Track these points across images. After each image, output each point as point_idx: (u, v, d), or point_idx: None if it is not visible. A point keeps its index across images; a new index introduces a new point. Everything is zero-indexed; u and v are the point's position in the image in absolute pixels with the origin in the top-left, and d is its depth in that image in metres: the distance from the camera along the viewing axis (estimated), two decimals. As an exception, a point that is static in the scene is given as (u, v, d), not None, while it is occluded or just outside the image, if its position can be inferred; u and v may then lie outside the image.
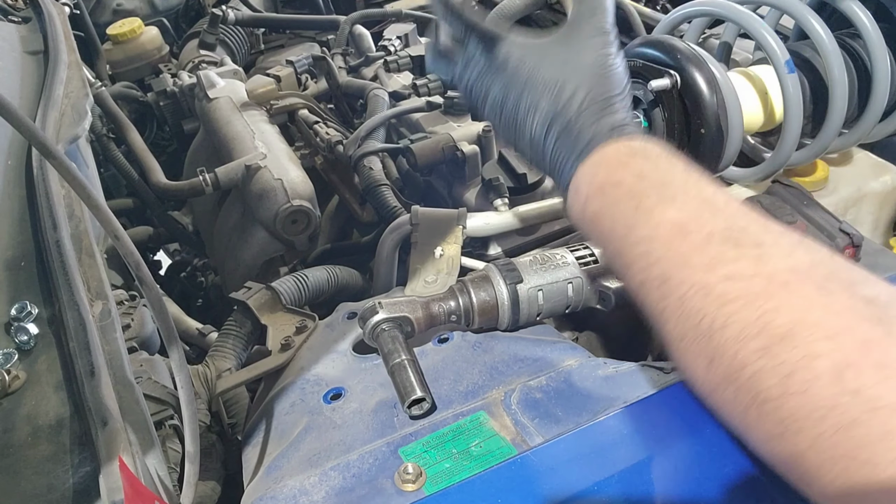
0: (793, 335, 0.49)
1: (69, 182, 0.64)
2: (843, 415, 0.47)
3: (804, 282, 0.51)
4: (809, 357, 0.48)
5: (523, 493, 0.60)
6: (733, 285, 0.53)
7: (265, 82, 1.49)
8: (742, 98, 0.91)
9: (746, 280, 0.53)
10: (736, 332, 0.52)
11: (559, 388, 0.72)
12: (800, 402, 0.49)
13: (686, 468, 0.61)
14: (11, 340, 0.74)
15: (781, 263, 0.53)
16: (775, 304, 0.51)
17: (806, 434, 0.49)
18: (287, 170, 1.27)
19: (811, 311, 0.50)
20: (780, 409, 0.50)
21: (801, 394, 0.48)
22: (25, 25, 1.53)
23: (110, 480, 0.57)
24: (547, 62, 0.68)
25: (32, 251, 0.87)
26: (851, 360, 0.47)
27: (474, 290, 0.78)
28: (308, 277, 1.02)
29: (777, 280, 0.52)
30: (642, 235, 0.59)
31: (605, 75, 0.67)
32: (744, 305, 0.52)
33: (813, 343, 0.49)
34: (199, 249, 1.78)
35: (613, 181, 0.62)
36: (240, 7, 2.10)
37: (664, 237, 0.57)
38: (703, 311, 0.54)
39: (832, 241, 0.78)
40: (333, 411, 0.74)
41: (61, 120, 1.08)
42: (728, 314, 0.53)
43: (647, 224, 0.58)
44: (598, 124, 0.65)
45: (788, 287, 0.51)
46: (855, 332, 0.48)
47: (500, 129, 0.73)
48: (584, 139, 0.65)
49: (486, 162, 1.16)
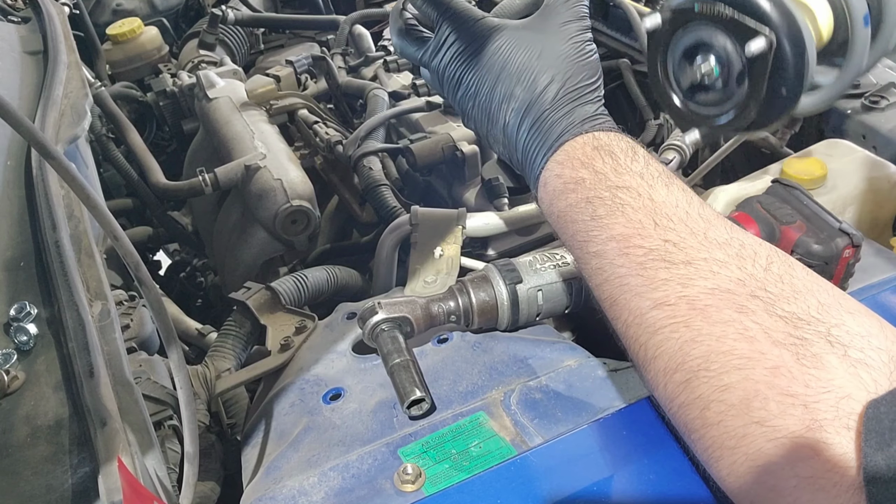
0: (707, 367, 0.50)
1: (68, 182, 0.64)
2: (751, 445, 0.48)
3: (724, 303, 0.52)
4: (721, 389, 0.49)
5: (523, 493, 0.60)
6: (660, 313, 0.54)
7: (265, 82, 1.49)
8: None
9: (671, 306, 0.53)
10: (663, 365, 0.54)
11: (559, 389, 0.72)
12: (716, 433, 0.50)
13: (686, 468, 0.61)
14: (10, 341, 0.74)
15: (706, 283, 0.53)
16: (693, 333, 0.52)
17: (724, 462, 0.50)
18: (287, 170, 1.27)
19: (725, 340, 0.50)
20: (703, 440, 0.51)
21: (717, 425, 0.50)
22: (25, 25, 1.53)
23: (109, 481, 0.57)
24: (522, 49, 0.67)
25: (32, 251, 0.87)
26: (759, 389, 0.48)
27: (474, 291, 0.78)
28: (308, 277, 1.02)
29: (698, 304, 0.52)
30: (595, 250, 0.60)
31: (580, 63, 0.66)
32: (668, 335, 0.53)
33: (724, 374, 0.50)
34: (199, 249, 1.78)
35: (576, 178, 0.62)
36: (239, 7, 2.10)
37: (611, 255, 0.58)
38: (640, 339, 0.56)
39: (832, 242, 0.77)
40: (333, 412, 0.74)
41: (61, 120, 1.08)
42: (656, 345, 0.54)
43: (599, 237, 0.60)
44: (571, 116, 0.65)
45: (706, 312, 0.52)
46: (765, 359, 0.48)
47: (472, 118, 0.73)
48: (556, 132, 0.65)
49: (485, 162, 1.16)
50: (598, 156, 0.62)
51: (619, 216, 0.58)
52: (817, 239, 0.77)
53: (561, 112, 0.65)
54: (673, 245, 0.55)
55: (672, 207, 0.58)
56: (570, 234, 0.63)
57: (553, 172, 0.64)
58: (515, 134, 0.68)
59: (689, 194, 0.60)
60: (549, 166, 0.65)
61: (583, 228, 0.61)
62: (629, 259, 0.57)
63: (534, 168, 0.67)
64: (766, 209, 0.81)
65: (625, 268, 0.57)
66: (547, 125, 0.65)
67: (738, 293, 0.51)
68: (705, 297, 0.52)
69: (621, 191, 0.59)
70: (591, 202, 0.60)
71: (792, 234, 0.78)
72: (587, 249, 0.61)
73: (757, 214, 0.82)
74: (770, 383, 0.47)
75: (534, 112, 0.66)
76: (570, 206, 0.62)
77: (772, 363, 0.48)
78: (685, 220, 0.57)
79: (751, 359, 0.49)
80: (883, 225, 1.07)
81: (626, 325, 0.57)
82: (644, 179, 0.60)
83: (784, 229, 0.78)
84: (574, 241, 0.63)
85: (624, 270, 0.57)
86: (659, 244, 0.56)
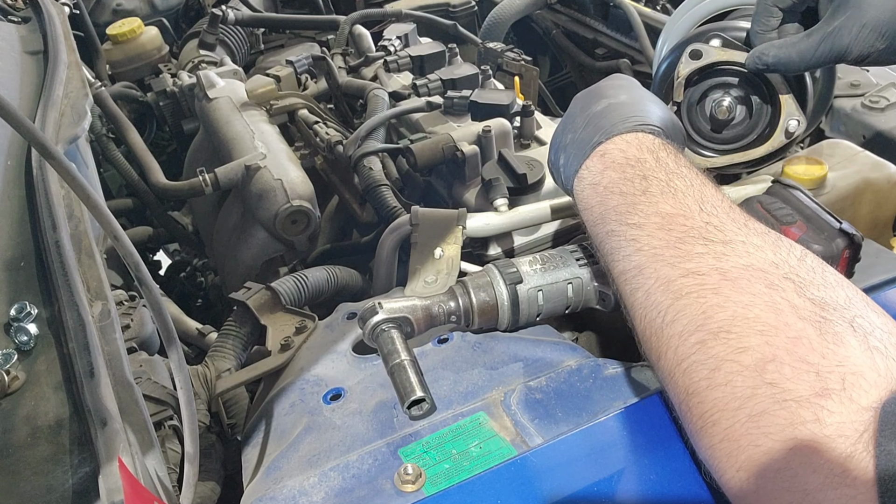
0: (728, 330, 0.52)
1: (68, 182, 0.64)
2: (756, 405, 0.49)
3: (756, 278, 0.54)
4: (738, 351, 0.51)
5: (523, 493, 0.60)
6: (690, 281, 0.56)
7: (265, 82, 1.49)
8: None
9: (702, 276, 0.56)
10: (681, 328, 0.55)
11: (559, 389, 0.72)
12: (721, 394, 0.51)
13: (685, 468, 0.61)
14: (11, 341, 0.74)
15: (741, 260, 0.56)
16: (720, 299, 0.54)
17: (721, 425, 0.51)
18: (287, 170, 1.27)
19: (752, 308, 0.52)
20: (703, 403, 0.53)
21: (724, 386, 0.51)
22: (25, 25, 1.53)
23: (110, 481, 0.57)
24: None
25: (32, 251, 0.87)
26: (777, 354, 0.50)
27: (474, 291, 0.78)
28: (308, 278, 1.02)
29: (730, 276, 0.55)
30: (635, 221, 0.64)
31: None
32: (694, 300, 0.55)
33: (745, 338, 0.51)
34: (199, 250, 1.78)
35: (639, 158, 0.69)
36: (239, 7, 2.10)
37: (651, 227, 0.62)
38: (661, 305, 0.58)
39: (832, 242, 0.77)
40: (333, 412, 0.74)
41: (61, 120, 1.08)
42: (678, 309, 0.56)
43: (644, 211, 0.64)
44: (654, 111, 0.74)
45: (737, 283, 0.54)
46: (788, 329, 0.50)
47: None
48: (636, 116, 0.72)
49: (485, 162, 1.16)
50: (663, 149, 0.69)
51: (669, 197, 0.64)
52: (817, 239, 0.77)
53: (647, 102, 0.75)
54: (714, 227, 0.59)
55: (719, 201, 0.63)
56: (610, 205, 0.68)
57: (617, 147, 0.71)
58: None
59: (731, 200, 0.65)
60: (615, 140, 0.71)
61: (629, 201, 0.66)
62: (669, 233, 0.61)
63: (600, 136, 0.72)
64: (766, 209, 0.81)
65: (663, 241, 0.61)
66: (631, 108, 0.73)
67: (771, 273, 0.54)
68: (738, 271, 0.55)
69: (677, 177, 0.65)
70: (647, 179, 0.66)
71: (792, 234, 0.78)
72: (626, 220, 0.65)
73: (757, 214, 0.81)
74: (789, 350, 0.49)
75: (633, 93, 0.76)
76: (625, 178, 0.68)
77: (794, 333, 0.50)
78: (728, 212, 0.61)
79: (775, 327, 0.51)
80: (883, 225, 1.07)
81: (647, 292, 0.60)
82: (698, 177, 0.66)
83: (784, 229, 0.78)
84: (613, 213, 0.67)
85: (661, 242, 0.61)
86: (700, 225, 0.60)
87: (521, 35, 2.19)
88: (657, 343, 0.58)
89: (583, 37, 1.98)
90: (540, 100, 1.81)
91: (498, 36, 1.95)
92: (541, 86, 1.82)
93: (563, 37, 2.07)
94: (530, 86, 1.49)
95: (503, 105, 1.23)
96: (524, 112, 1.24)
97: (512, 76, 1.49)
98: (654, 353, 0.59)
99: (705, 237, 0.59)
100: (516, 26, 2.05)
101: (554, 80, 2.20)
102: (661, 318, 0.57)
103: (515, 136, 1.25)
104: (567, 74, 2.15)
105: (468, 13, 2.15)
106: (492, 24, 1.97)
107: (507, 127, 1.21)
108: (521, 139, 1.25)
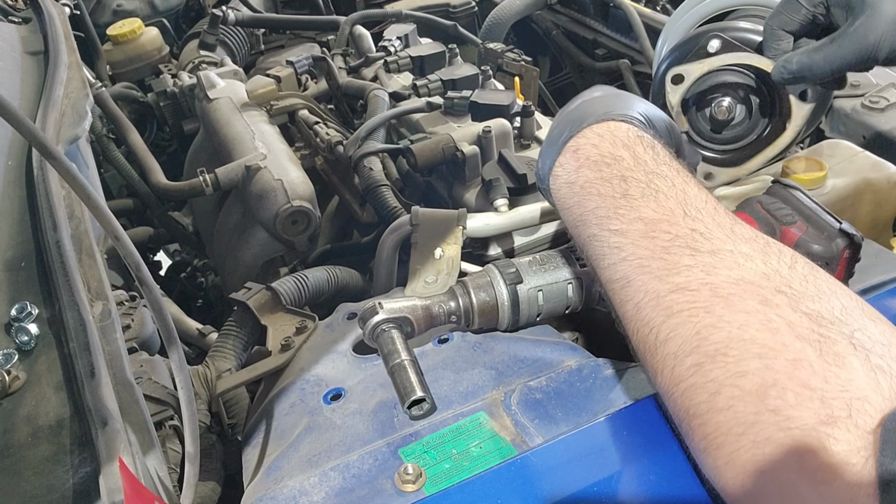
0: (725, 353, 0.50)
1: (69, 183, 0.64)
2: (760, 432, 0.48)
3: (748, 294, 0.52)
4: (737, 375, 0.49)
5: (523, 493, 0.60)
6: (680, 297, 0.54)
7: (265, 83, 1.49)
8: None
9: (693, 291, 0.54)
10: (675, 348, 0.53)
11: (559, 389, 0.72)
12: (724, 418, 0.50)
13: (685, 468, 0.61)
14: (12, 341, 0.74)
15: (731, 273, 0.53)
16: (714, 319, 0.52)
17: (725, 450, 0.50)
18: (287, 170, 1.27)
19: (747, 328, 0.50)
20: (706, 426, 0.51)
21: (726, 410, 0.50)
22: (25, 26, 1.53)
23: (110, 481, 0.57)
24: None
25: (32, 251, 0.87)
26: (777, 379, 0.48)
27: (474, 291, 0.78)
28: (308, 278, 1.02)
29: (721, 292, 0.53)
30: (617, 228, 0.61)
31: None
32: (686, 319, 0.53)
33: (743, 361, 0.49)
34: (199, 250, 1.78)
35: (615, 155, 0.65)
36: (240, 7, 2.10)
37: (635, 235, 0.60)
38: (653, 321, 0.56)
39: (832, 242, 0.77)
40: (333, 412, 0.74)
41: (61, 120, 1.08)
42: (671, 328, 0.54)
43: (625, 216, 0.61)
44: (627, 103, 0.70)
45: (730, 300, 0.52)
46: (787, 351, 0.48)
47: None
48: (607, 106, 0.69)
49: (485, 162, 1.16)
50: (640, 143, 0.65)
51: (650, 200, 0.60)
52: (817, 239, 0.77)
53: (623, 97, 0.70)
54: (700, 234, 0.57)
55: (702, 202, 0.60)
56: (589, 207, 0.64)
57: (589, 141, 0.67)
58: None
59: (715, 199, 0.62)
60: (585, 133, 0.67)
61: (609, 204, 0.62)
62: (654, 242, 0.58)
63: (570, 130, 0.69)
64: (766, 209, 0.81)
65: (648, 250, 0.58)
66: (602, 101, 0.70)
67: (763, 286, 0.52)
68: (729, 286, 0.53)
69: (658, 178, 0.62)
70: (626, 180, 0.62)
71: (792, 234, 0.78)
72: (607, 226, 0.62)
73: (757, 215, 0.82)
74: (790, 374, 0.48)
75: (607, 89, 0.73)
76: (602, 178, 0.64)
77: (794, 355, 0.48)
78: (713, 216, 0.59)
79: (773, 349, 0.49)
80: (883, 225, 1.07)
81: (637, 306, 0.57)
82: (680, 175, 0.63)
83: (784, 230, 0.78)
84: (592, 215, 0.64)
85: (646, 252, 0.58)
86: (686, 232, 0.57)
87: (521, 35, 2.19)
88: (652, 360, 0.56)
89: (583, 37, 1.98)
90: (540, 100, 1.81)
91: (498, 36, 1.95)
92: (541, 86, 1.82)
93: (563, 37, 2.07)
94: (530, 86, 1.50)
95: (503, 105, 1.23)
96: (524, 112, 1.24)
97: (512, 76, 1.49)
98: (649, 369, 0.58)
99: (692, 246, 0.56)
100: (516, 27, 2.06)
101: (554, 81, 2.20)
102: (654, 336, 0.55)
103: (515, 136, 1.25)
104: (567, 75, 2.16)
105: (468, 14, 2.16)
106: (492, 25, 1.97)
107: (508, 127, 1.21)
108: (522, 139, 1.26)
